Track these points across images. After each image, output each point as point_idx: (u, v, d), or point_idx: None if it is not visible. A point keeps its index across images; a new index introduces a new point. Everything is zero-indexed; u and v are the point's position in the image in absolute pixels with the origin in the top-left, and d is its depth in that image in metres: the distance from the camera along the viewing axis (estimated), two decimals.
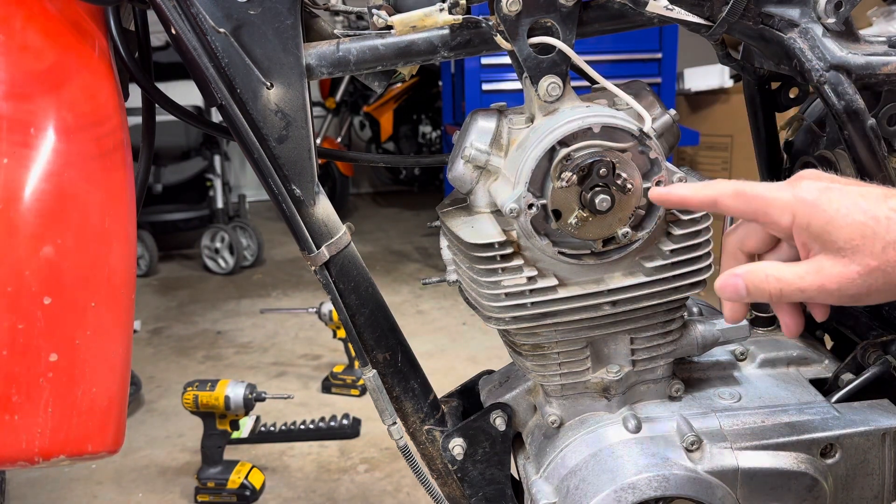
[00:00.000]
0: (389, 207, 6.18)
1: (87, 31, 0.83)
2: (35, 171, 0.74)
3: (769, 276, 0.64)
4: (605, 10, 0.86)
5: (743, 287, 0.65)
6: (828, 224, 0.61)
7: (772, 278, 0.64)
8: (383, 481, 2.22)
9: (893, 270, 0.59)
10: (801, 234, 0.63)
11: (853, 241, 0.59)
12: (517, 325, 0.85)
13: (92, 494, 2.22)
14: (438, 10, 0.80)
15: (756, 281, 0.65)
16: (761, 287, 0.64)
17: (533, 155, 0.79)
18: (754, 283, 0.65)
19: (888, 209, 0.59)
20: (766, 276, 0.64)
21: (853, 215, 0.60)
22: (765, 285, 0.64)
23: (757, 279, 0.65)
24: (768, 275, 0.64)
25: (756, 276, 0.65)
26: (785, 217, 0.63)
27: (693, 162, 4.21)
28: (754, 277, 0.65)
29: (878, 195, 0.61)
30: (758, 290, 0.65)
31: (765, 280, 0.64)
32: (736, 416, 0.90)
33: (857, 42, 0.86)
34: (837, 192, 0.61)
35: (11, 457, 0.74)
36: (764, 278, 0.64)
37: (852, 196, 0.61)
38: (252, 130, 0.83)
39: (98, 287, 0.77)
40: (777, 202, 0.63)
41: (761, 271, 0.65)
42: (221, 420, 2.13)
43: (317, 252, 0.88)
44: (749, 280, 0.65)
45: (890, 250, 0.58)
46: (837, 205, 0.61)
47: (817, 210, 0.61)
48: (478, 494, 0.98)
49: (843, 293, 0.61)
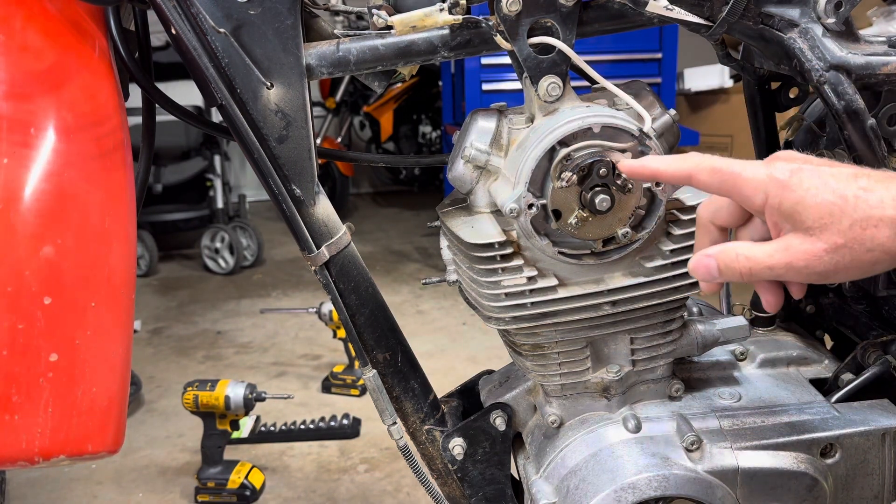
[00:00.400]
0: (389, 207, 6.18)
1: (87, 31, 0.83)
2: (35, 171, 0.74)
3: (739, 256, 0.65)
4: (605, 10, 0.86)
5: (715, 267, 0.67)
6: (797, 204, 0.62)
7: (742, 257, 0.65)
8: (383, 481, 2.22)
9: (860, 248, 0.60)
10: (772, 214, 0.64)
11: (821, 220, 0.60)
12: (517, 325, 0.85)
13: (92, 494, 2.22)
14: (438, 10, 0.80)
15: (727, 260, 0.66)
16: (732, 266, 0.66)
17: (533, 155, 0.79)
18: (725, 263, 0.66)
19: (857, 188, 0.60)
20: (736, 255, 0.66)
21: (822, 194, 0.61)
22: (735, 265, 0.65)
23: (728, 258, 0.66)
24: (738, 254, 0.65)
25: (727, 255, 0.66)
26: (758, 196, 0.64)
27: None
28: (725, 257, 0.66)
29: (848, 174, 0.62)
30: (729, 270, 0.66)
31: (735, 259, 0.65)
32: (736, 416, 0.90)
33: (857, 42, 0.86)
34: (809, 173, 0.62)
35: (11, 457, 0.74)
36: (734, 258, 0.66)
37: (823, 176, 0.62)
38: (252, 130, 0.83)
39: (98, 287, 0.77)
40: (751, 181, 0.64)
41: (732, 251, 0.66)
42: (221, 420, 2.13)
43: (317, 252, 0.88)
44: (721, 260, 0.66)
45: (856, 228, 0.59)
46: (808, 184, 0.62)
47: (788, 190, 0.62)
48: (478, 494, 0.98)
49: (811, 270, 0.62)
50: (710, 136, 4.04)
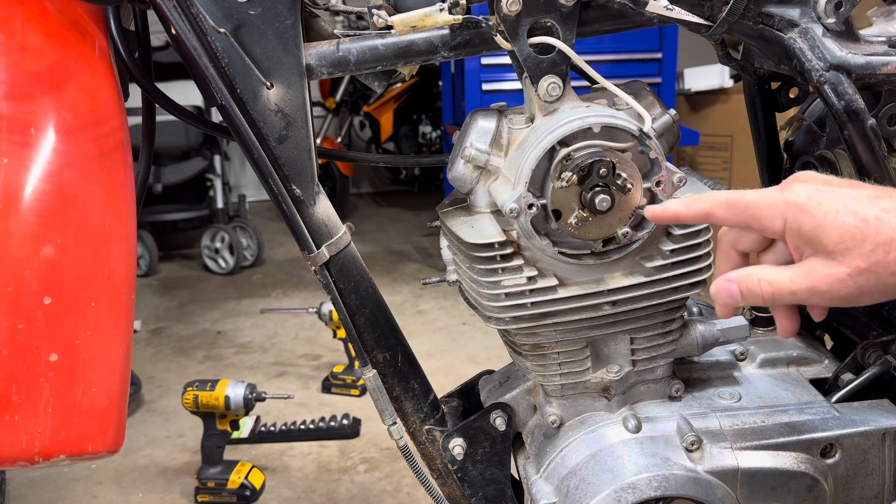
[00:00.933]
0: (389, 207, 6.18)
1: (87, 31, 0.83)
2: (35, 171, 0.74)
3: (761, 281, 0.65)
4: (605, 10, 0.86)
5: (737, 291, 0.66)
6: (818, 227, 0.61)
7: (764, 282, 0.65)
8: (383, 481, 2.22)
9: (883, 271, 0.59)
10: (793, 239, 0.64)
11: (843, 244, 0.60)
12: (517, 325, 0.85)
13: (92, 494, 2.22)
14: (438, 10, 0.80)
15: (749, 285, 0.66)
16: (754, 291, 0.65)
17: (533, 155, 0.79)
18: (748, 288, 0.66)
19: (878, 210, 0.59)
20: (758, 280, 0.65)
21: (843, 217, 0.60)
22: (757, 289, 0.65)
23: (750, 283, 0.66)
24: (760, 279, 0.65)
25: (749, 280, 0.66)
26: (777, 222, 0.64)
27: (693, 162, 4.21)
28: (748, 282, 0.66)
29: (868, 196, 0.61)
30: (751, 294, 0.66)
31: (757, 284, 0.65)
32: (736, 416, 0.90)
33: (857, 42, 0.86)
34: (828, 195, 0.62)
35: (11, 457, 0.74)
36: (756, 283, 0.65)
37: (843, 198, 0.61)
38: (252, 130, 0.83)
39: (98, 287, 0.77)
40: (768, 208, 0.64)
41: (754, 276, 0.66)
42: (221, 420, 2.13)
43: (317, 252, 0.88)
44: (743, 284, 0.66)
45: (879, 251, 0.58)
46: (827, 207, 0.61)
47: (807, 214, 0.62)
48: (478, 494, 0.98)
49: (835, 295, 0.61)
50: (710, 136, 4.04)
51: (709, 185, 0.92)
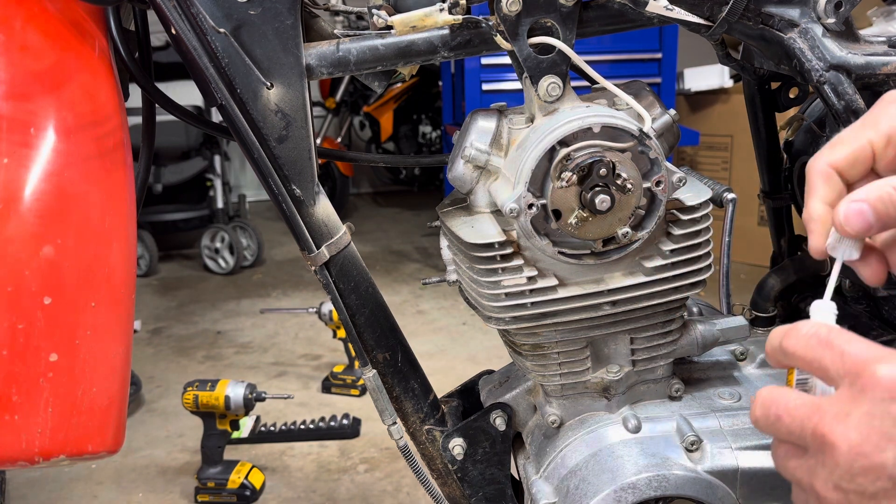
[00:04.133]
0: (389, 207, 6.18)
1: (87, 31, 0.83)
2: (35, 171, 0.74)
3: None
4: (605, 10, 0.86)
5: (868, 210, 0.55)
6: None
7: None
8: (383, 481, 2.22)
9: None
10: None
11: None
12: (517, 325, 0.85)
13: (92, 494, 2.22)
14: (438, 10, 0.80)
15: (882, 197, 0.55)
16: (890, 202, 0.54)
17: (533, 155, 0.79)
18: (881, 201, 0.55)
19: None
20: (892, 189, 0.54)
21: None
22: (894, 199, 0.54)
23: (883, 195, 0.54)
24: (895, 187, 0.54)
25: (881, 191, 0.55)
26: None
27: (693, 162, 4.21)
28: (879, 194, 0.54)
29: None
30: (887, 212, 0.55)
31: (891, 195, 0.54)
32: (736, 416, 0.90)
33: (857, 42, 0.86)
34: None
35: (11, 457, 0.74)
36: (890, 193, 0.54)
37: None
38: (252, 130, 0.83)
39: (98, 287, 0.77)
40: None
41: (884, 186, 0.55)
42: (221, 420, 2.13)
43: (317, 252, 0.88)
44: (876, 200, 0.55)
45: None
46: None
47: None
48: (478, 494, 0.98)
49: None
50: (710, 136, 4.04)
51: (709, 185, 0.92)
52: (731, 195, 0.98)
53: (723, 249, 1.01)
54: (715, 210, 0.89)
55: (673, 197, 0.84)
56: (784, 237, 1.29)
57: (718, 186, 0.98)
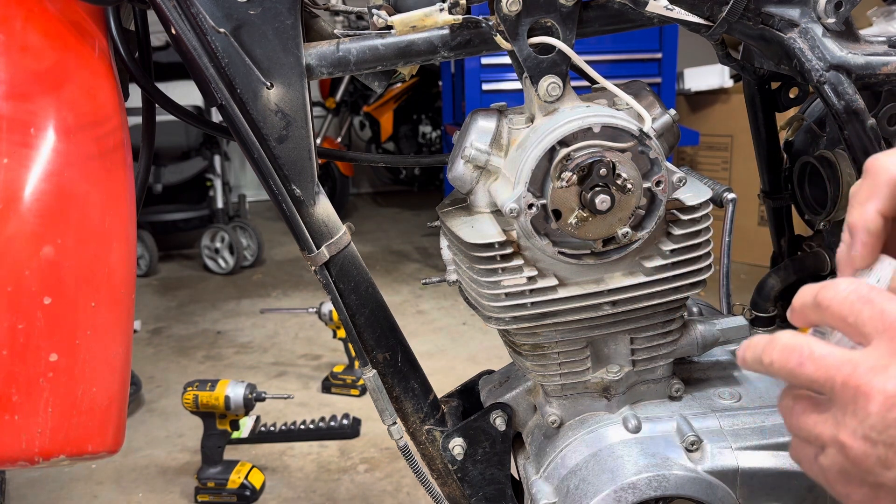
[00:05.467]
0: (389, 207, 6.18)
1: (87, 31, 0.83)
2: (35, 171, 0.74)
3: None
4: (605, 10, 0.86)
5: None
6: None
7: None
8: (383, 481, 2.22)
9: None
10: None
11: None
12: (517, 325, 0.85)
13: (92, 494, 2.22)
14: (438, 10, 0.80)
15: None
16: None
17: (533, 155, 0.79)
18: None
19: None
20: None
21: None
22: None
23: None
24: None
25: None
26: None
27: (693, 162, 4.21)
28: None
29: None
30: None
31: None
32: (736, 416, 0.90)
33: (857, 42, 0.86)
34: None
35: (11, 457, 0.74)
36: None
37: None
38: (252, 130, 0.83)
39: (98, 287, 0.77)
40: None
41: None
42: (221, 420, 2.13)
43: (317, 252, 0.88)
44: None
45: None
46: None
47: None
48: (478, 494, 0.98)
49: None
50: (710, 136, 4.04)
51: (709, 184, 0.92)
52: (731, 195, 0.98)
53: (723, 249, 1.01)
54: (715, 210, 0.89)
55: (673, 197, 0.84)
56: (784, 237, 1.29)
57: (718, 186, 0.98)
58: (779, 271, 1.22)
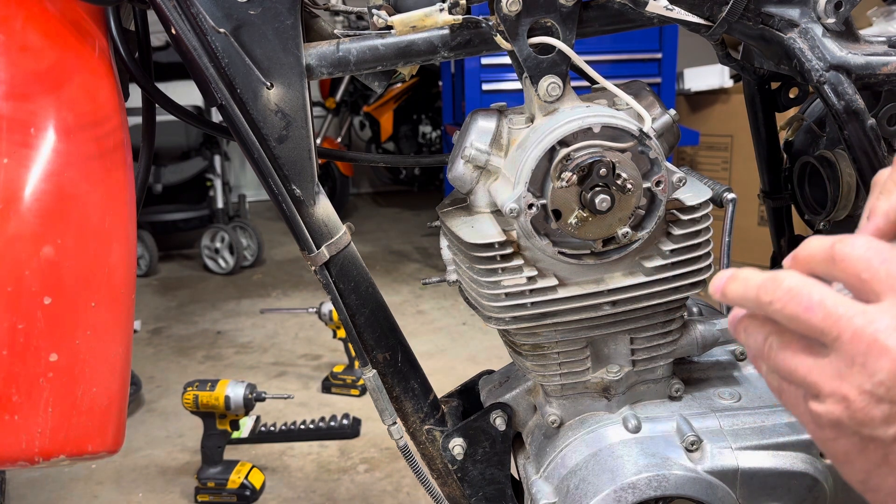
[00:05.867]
0: (389, 207, 6.18)
1: (87, 31, 0.83)
2: (35, 171, 0.74)
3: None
4: (605, 10, 0.86)
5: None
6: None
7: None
8: (383, 481, 2.22)
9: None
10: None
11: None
12: (517, 325, 0.85)
13: (92, 494, 2.22)
14: (438, 10, 0.80)
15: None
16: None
17: (533, 155, 0.79)
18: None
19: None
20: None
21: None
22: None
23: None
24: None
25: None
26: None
27: (693, 162, 4.21)
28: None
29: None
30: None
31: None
32: (736, 416, 0.90)
33: (857, 42, 0.86)
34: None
35: (11, 457, 0.74)
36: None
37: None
38: (252, 130, 0.83)
39: (98, 287, 0.77)
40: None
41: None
42: (221, 420, 2.13)
43: (317, 252, 0.88)
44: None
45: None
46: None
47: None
48: (478, 494, 0.98)
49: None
50: (710, 136, 4.04)
51: (709, 185, 0.92)
52: (731, 195, 0.98)
53: (723, 249, 1.01)
54: (715, 210, 0.89)
55: (673, 197, 0.84)
56: (784, 237, 1.29)
57: (718, 186, 0.98)
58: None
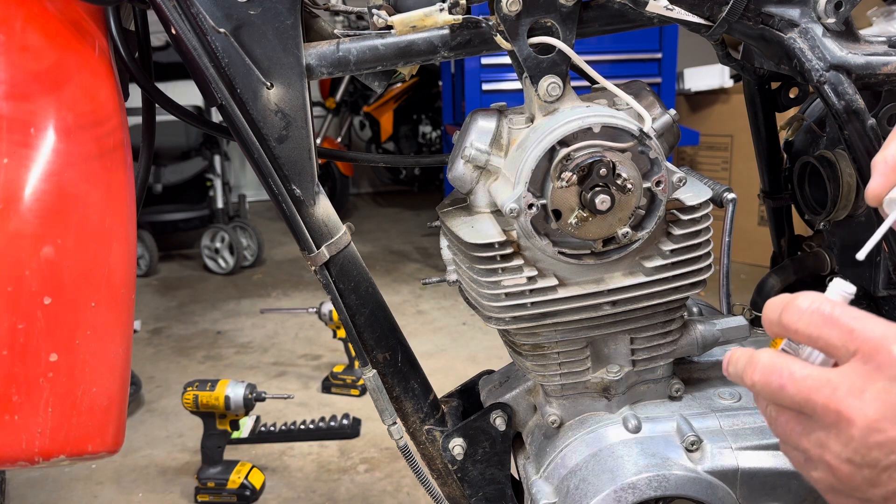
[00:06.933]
0: (389, 207, 6.18)
1: (87, 31, 0.83)
2: (35, 171, 0.74)
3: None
4: (605, 10, 0.86)
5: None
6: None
7: None
8: (383, 481, 2.22)
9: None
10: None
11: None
12: (517, 325, 0.85)
13: (92, 494, 2.22)
14: (438, 10, 0.80)
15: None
16: None
17: (533, 155, 0.79)
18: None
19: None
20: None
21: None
22: None
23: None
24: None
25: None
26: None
27: (693, 162, 4.21)
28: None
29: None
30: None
31: None
32: (736, 416, 0.90)
33: (857, 42, 0.86)
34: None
35: (11, 457, 0.74)
36: None
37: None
38: (252, 130, 0.83)
39: (98, 287, 0.77)
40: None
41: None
42: (221, 420, 2.13)
43: (317, 252, 0.88)
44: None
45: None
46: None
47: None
48: (478, 494, 0.98)
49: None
50: (710, 136, 4.04)
51: (709, 184, 0.92)
52: (731, 195, 0.98)
53: (723, 249, 1.01)
54: (715, 210, 0.89)
55: (673, 197, 0.84)
56: (784, 237, 1.29)
57: (718, 186, 0.98)
58: (779, 271, 1.22)
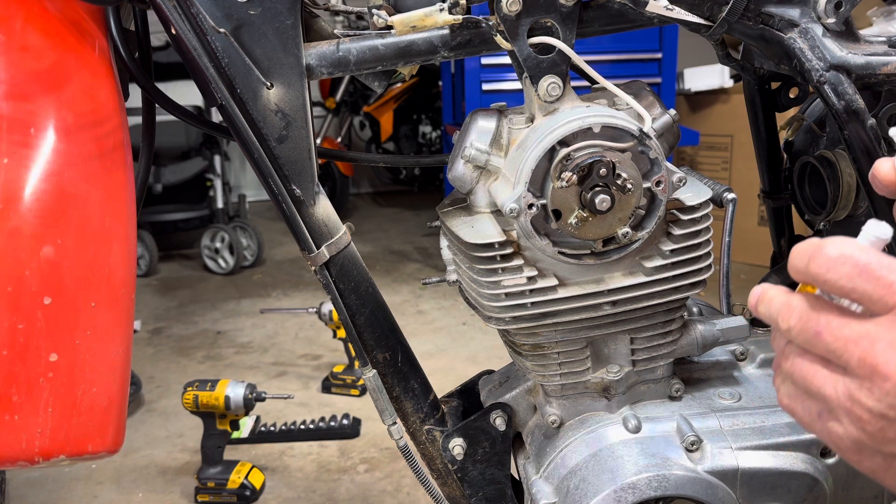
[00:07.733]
0: (389, 207, 6.18)
1: (87, 31, 0.83)
2: (35, 171, 0.74)
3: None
4: (605, 10, 0.86)
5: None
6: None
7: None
8: (383, 481, 2.22)
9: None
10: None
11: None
12: (517, 325, 0.85)
13: (92, 494, 2.22)
14: (438, 10, 0.80)
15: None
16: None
17: (533, 155, 0.79)
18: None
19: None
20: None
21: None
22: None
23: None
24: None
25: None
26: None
27: (693, 162, 4.21)
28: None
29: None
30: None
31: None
32: (736, 416, 0.90)
33: (857, 42, 0.86)
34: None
35: (11, 457, 0.74)
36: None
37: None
38: (252, 130, 0.83)
39: (98, 287, 0.77)
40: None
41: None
42: (221, 420, 2.13)
43: (317, 252, 0.88)
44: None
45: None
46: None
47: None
48: (478, 494, 0.98)
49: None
50: (710, 136, 4.04)
51: (709, 185, 0.92)
52: (731, 195, 0.98)
53: (723, 249, 1.01)
54: (715, 210, 0.89)
55: (673, 197, 0.84)
56: (784, 237, 1.29)
57: (718, 186, 0.98)
58: (779, 271, 1.22)
